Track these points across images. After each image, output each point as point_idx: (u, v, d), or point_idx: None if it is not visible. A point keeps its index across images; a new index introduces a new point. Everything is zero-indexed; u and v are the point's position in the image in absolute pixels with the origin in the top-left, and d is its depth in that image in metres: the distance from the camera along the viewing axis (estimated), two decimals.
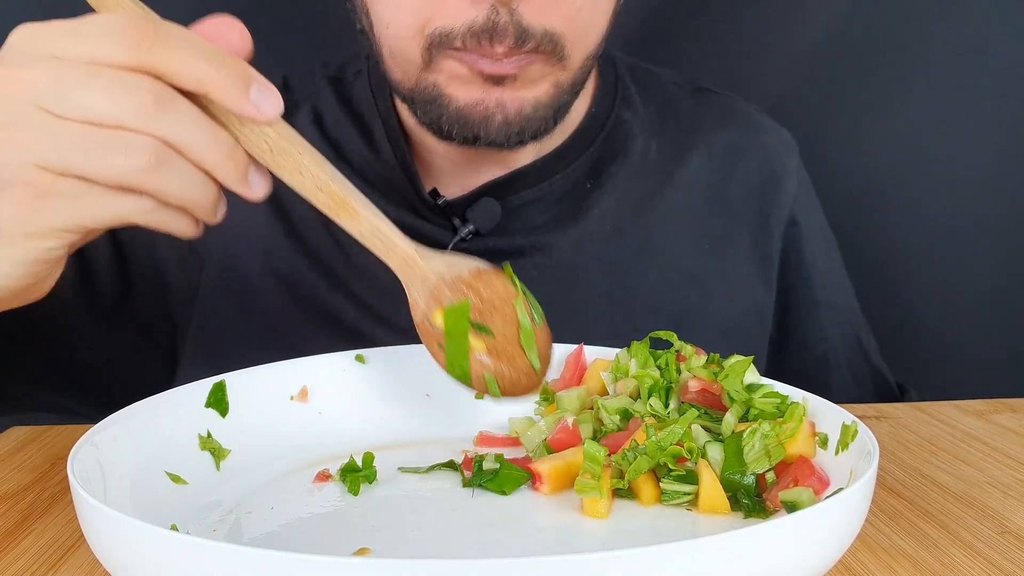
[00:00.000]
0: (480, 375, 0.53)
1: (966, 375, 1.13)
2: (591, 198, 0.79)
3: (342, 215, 0.50)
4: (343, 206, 0.50)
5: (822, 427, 0.51)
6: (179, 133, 0.45)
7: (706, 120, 0.85)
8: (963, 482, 0.58)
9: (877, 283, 1.08)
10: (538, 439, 0.57)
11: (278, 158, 0.48)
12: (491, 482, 0.52)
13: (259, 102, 0.46)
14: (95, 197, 0.45)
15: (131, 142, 0.44)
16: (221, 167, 0.46)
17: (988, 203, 1.12)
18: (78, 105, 0.44)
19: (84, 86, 0.43)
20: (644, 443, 0.51)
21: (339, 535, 0.48)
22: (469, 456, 0.55)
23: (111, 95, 0.43)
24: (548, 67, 0.66)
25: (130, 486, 0.48)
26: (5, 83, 0.45)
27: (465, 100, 0.66)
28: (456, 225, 0.76)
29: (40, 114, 0.44)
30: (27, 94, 0.44)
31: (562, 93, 0.69)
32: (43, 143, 0.44)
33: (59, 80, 0.44)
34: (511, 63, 0.64)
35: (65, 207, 0.45)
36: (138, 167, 0.44)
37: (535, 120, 0.68)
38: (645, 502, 0.50)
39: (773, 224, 0.84)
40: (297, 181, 0.49)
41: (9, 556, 0.49)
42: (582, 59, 0.68)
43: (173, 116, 0.44)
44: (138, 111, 0.44)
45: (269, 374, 0.60)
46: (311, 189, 0.49)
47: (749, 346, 0.83)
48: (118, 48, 0.44)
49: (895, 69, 1.10)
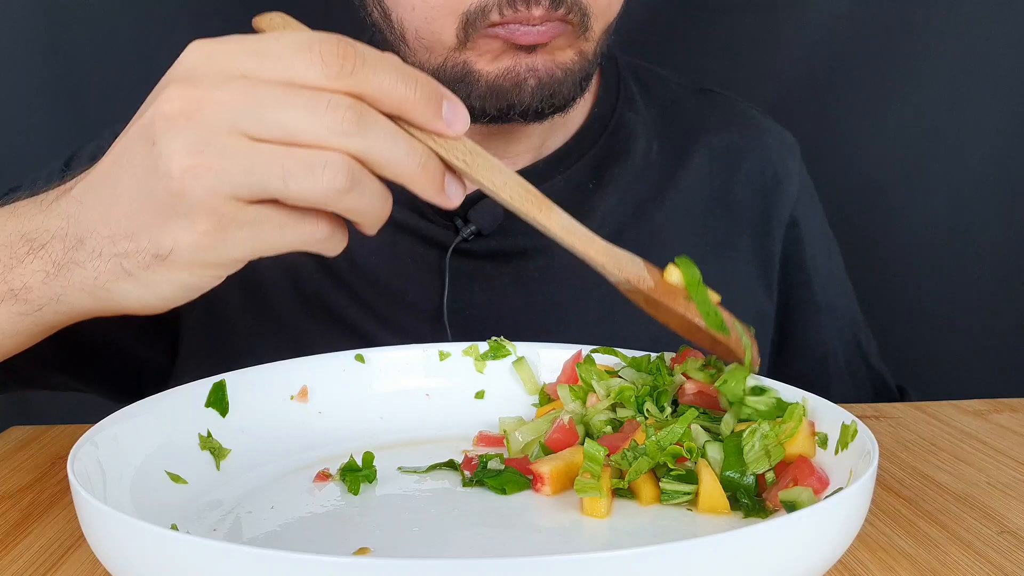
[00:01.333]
0: (732, 323, 0.54)
1: (966, 375, 1.13)
2: (593, 199, 0.79)
3: (543, 209, 0.51)
4: (543, 202, 0.51)
5: (821, 427, 0.51)
6: (377, 148, 0.44)
7: (708, 121, 0.85)
8: (963, 482, 0.58)
9: (877, 283, 1.08)
10: (523, 440, 0.57)
11: (477, 159, 0.48)
12: (493, 480, 0.52)
13: (450, 119, 0.46)
14: (277, 225, 0.45)
15: (330, 161, 0.43)
16: (418, 178, 0.46)
17: (988, 203, 1.12)
18: (278, 124, 0.43)
19: (285, 105, 0.43)
20: (644, 443, 0.51)
21: (339, 535, 0.48)
22: (469, 456, 0.55)
23: (313, 113, 0.43)
24: (574, 37, 0.67)
25: (130, 486, 0.48)
26: (197, 104, 0.43)
27: (496, 72, 0.67)
28: (458, 225, 0.76)
29: (237, 139, 0.43)
30: (224, 117, 0.43)
31: (585, 62, 0.70)
32: (241, 171, 0.43)
33: (258, 101, 0.43)
34: (545, 30, 0.65)
35: (248, 237, 0.45)
36: (336, 186, 0.44)
37: (565, 85, 0.69)
38: (644, 502, 0.50)
39: (774, 226, 0.84)
40: (498, 180, 0.49)
41: (9, 556, 0.49)
42: (601, 30, 0.70)
43: (373, 131, 0.44)
44: (341, 128, 0.43)
45: (269, 374, 0.60)
46: (513, 186, 0.50)
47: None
48: (318, 68, 0.43)
49: (895, 69, 1.10)
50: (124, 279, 0.49)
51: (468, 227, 0.75)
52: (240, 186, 0.44)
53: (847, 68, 1.10)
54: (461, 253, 0.76)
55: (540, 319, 0.76)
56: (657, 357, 0.59)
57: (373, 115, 0.44)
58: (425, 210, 0.76)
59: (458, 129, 0.47)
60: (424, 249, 0.77)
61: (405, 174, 0.46)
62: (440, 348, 0.64)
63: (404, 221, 0.76)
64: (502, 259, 0.77)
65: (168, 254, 0.46)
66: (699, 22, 1.11)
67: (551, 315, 0.76)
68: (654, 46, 1.05)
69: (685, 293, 0.53)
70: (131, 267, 0.48)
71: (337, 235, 0.48)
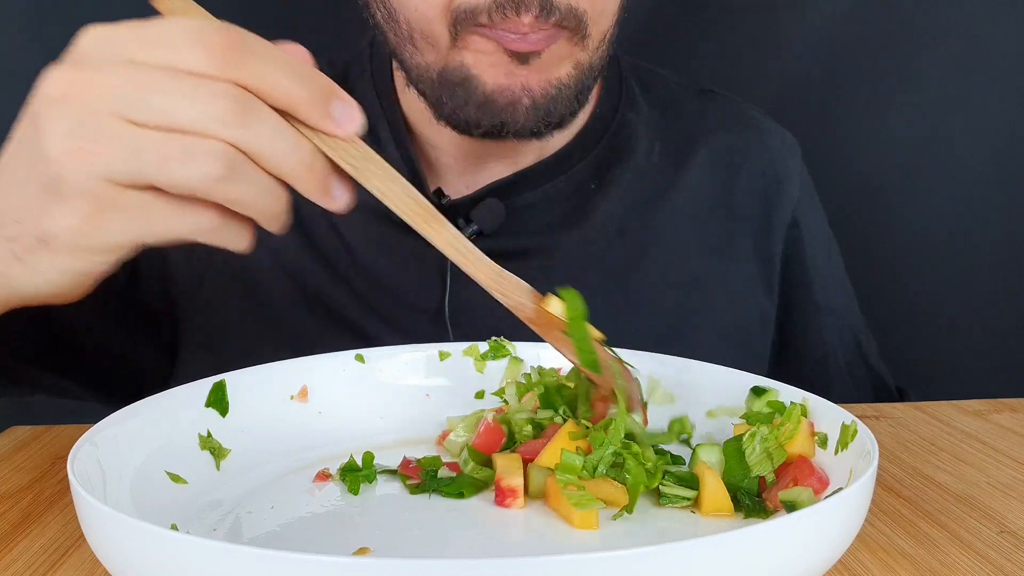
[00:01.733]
0: (607, 363, 0.52)
1: (966, 375, 1.13)
2: (595, 200, 0.79)
3: (432, 224, 0.50)
4: (432, 216, 0.50)
5: (821, 427, 0.51)
6: (261, 141, 0.44)
7: (709, 122, 0.85)
8: (963, 482, 0.58)
9: (876, 283, 1.08)
10: (458, 441, 0.57)
11: (368, 164, 0.47)
12: (448, 487, 0.52)
13: (340, 118, 0.46)
14: (159, 211, 0.45)
15: (209, 149, 0.43)
16: (301, 176, 0.45)
17: (987, 203, 1.12)
18: (159, 110, 0.42)
19: (167, 91, 0.42)
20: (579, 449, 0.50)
21: (339, 535, 0.48)
22: (408, 459, 0.55)
23: (195, 101, 0.42)
24: (571, 45, 0.66)
25: (130, 486, 0.48)
26: (79, 87, 0.43)
27: (493, 85, 0.66)
28: (460, 226, 0.75)
29: (119, 124, 0.43)
30: (104, 101, 0.43)
31: (583, 75, 0.69)
32: (120, 155, 0.43)
33: (140, 86, 0.42)
34: (537, 38, 0.64)
35: (128, 222, 0.45)
36: (212, 175, 0.43)
37: (561, 102, 0.68)
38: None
39: (775, 226, 0.84)
40: (386, 187, 0.48)
41: (9, 556, 0.49)
42: (599, 38, 0.69)
43: (257, 123, 0.43)
44: (223, 117, 0.42)
45: (269, 374, 0.60)
46: (400, 196, 0.49)
47: (751, 350, 0.83)
48: (203, 57, 0.42)
49: (895, 69, 1.10)
50: (15, 264, 0.48)
51: (470, 227, 0.75)
52: (118, 171, 0.43)
53: (847, 68, 1.10)
54: None
55: None
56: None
57: (259, 107, 0.44)
58: None
59: (348, 129, 0.46)
60: (425, 249, 0.76)
61: (289, 170, 0.45)
62: (440, 348, 0.64)
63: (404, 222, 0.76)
64: (504, 259, 0.76)
65: (51, 238, 0.46)
66: (699, 23, 1.11)
67: None
68: (654, 46, 1.05)
69: (563, 326, 0.52)
70: (20, 251, 0.48)
71: (231, 228, 0.47)
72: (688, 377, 0.61)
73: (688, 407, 0.59)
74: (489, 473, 0.53)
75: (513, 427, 0.56)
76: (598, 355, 0.52)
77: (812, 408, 0.52)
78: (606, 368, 0.52)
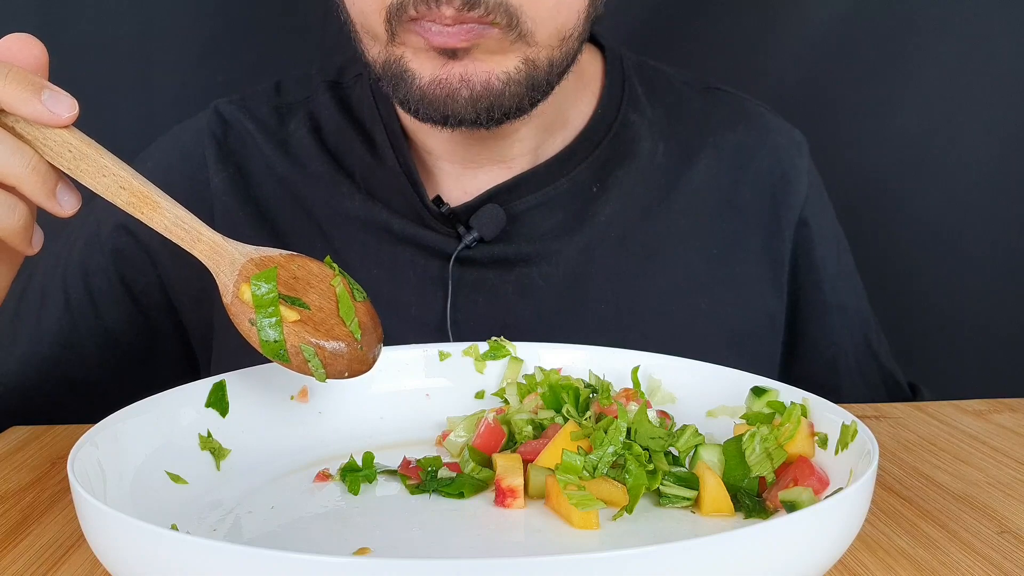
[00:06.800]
0: (297, 349, 0.51)
1: (966, 375, 1.13)
2: (597, 203, 0.77)
3: (145, 210, 0.51)
4: (145, 200, 0.51)
5: (821, 427, 0.51)
6: None
7: (715, 120, 0.83)
8: (963, 482, 0.58)
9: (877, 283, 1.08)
10: (458, 441, 0.57)
11: (80, 163, 0.49)
12: (448, 488, 0.52)
13: (52, 106, 0.46)
14: None
15: None
16: (27, 181, 0.46)
17: (988, 203, 1.12)
18: None
19: None
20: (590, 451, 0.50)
21: (339, 535, 0.48)
22: (408, 460, 0.55)
23: None
24: (506, 42, 0.64)
25: (130, 486, 0.48)
26: None
27: (429, 77, 0.65)
28: (460, 233, 0.74)
29: None
30: None
31: (536, 71, 0.67)
32: None
33: None
34: (460, 32, 0.62)
35: None
36: None
37: (507, 97, 0.66)
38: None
39: (784, 226, 0.82)
40: (100, 183, 0.50)
41: (9, 556, 0.49)
42: (553, 37, 0.66)
43: None
44: None
45: (269, 374, 0.60)
46: (114, 189, 0.50)
47: (760, 352, 0.81)
48: None
49: (895, 69, 1.10)
50: None
51: (470, 234, 0.74)
52: None
53: (847, 68, 1.10)
54: (463, 261, 0.75)
55: (545, 328, 0.74)
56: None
57: None
58: (426, 219, 0.75)
59: (64, 115, 0.46)
60: (426, 260, 0.75)
61: (14, 175, 0.46)
62: (440, 348, 0.64)
63: (404, 231, 0.75)
64: (505, 266, 0.75)
65: None
66: (699, 22, 1.11)
67: (555, 323, 0.75)
68: (654, 46, 1.05)
69: (252, 316, 0.52)
70: None
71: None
72: (688, 377, 0.61)
73: (688, 407, 0.59)
74: (489, 473, 0.53)
75: (513, 427, 0.56)
76: (285, 344, 0.51)
77: (812, 408, 0.52)
78: (295, 356, 0.51)
